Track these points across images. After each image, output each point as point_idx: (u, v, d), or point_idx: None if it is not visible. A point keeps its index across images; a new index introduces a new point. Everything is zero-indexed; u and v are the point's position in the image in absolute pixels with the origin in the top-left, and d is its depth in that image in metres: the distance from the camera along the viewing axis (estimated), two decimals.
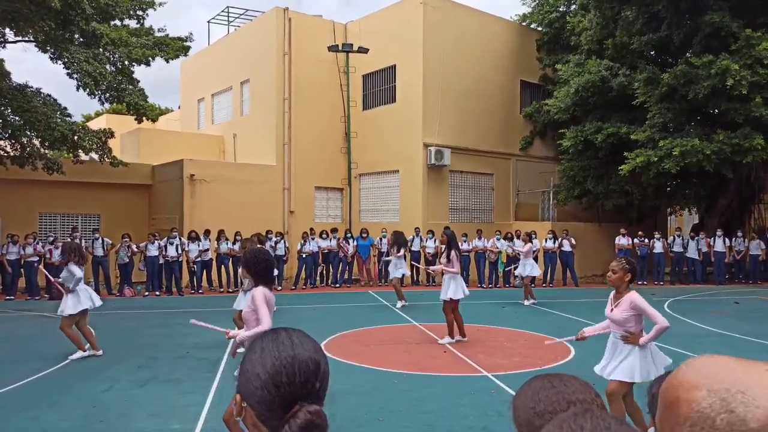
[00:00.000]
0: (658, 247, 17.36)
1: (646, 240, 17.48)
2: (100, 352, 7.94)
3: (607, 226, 19.47)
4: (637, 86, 16.49)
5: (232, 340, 4.59)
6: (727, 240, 17.23)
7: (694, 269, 17.42)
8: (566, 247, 16.76)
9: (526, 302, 13.07)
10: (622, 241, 17.17)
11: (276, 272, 14.08)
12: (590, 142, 17.71)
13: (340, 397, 6.12)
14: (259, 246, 7.92)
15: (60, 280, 7.96)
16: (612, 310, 4.68)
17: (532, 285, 13.51)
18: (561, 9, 20.77)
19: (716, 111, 16.50)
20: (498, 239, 16.85)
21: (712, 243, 17.24)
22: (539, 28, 21.14)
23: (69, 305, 7.79)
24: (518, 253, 14.18)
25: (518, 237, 16.41)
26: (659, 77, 15.81)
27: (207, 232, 15.41)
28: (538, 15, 21.19)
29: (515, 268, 14.53)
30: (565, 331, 9.54)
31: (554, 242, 16.73)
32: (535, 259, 15.95)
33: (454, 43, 18.27)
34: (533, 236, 14.18)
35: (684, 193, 18.57)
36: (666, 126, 16.40)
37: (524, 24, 21.42)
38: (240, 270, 5.30)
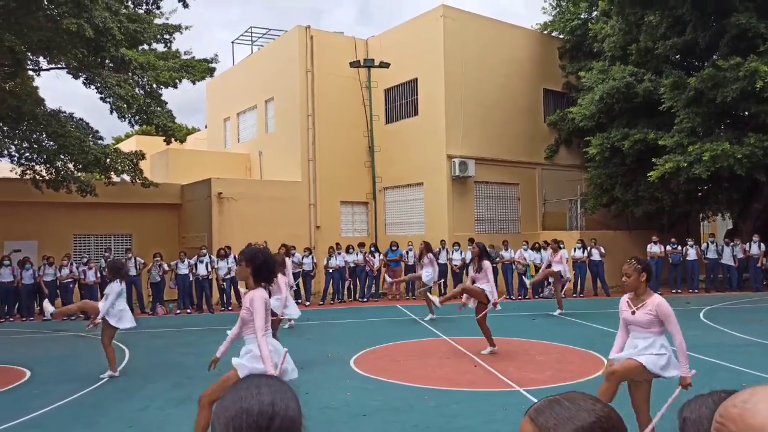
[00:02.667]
0: (692, 254, 16.96)
1: (679, 247, 17.11)
2: (117, 374, 8.03)
3: (638, 234, 19.13)
4: (663, 91, 16.26)
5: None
6: (762, 245, 16.76)
7: (729, 276, 16.97)
8: (595, 257, 16.51)
9: (556, 312, 12.94)
10: (653, 248, 16.85)
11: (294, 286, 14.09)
12: (617, 148, 17.49)
13: (372, 414, 6.12)
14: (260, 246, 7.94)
15: (102, 313, 8.00)
16: (634, 312, 4.54)
17: (563, 296, 13.36)
18: (582, 16, 20.65)
19: (746, 114, 16.15)
20: (525, 249, 16.69)
21: (747, 248, 16.80)
22: (561, 36, 21.04)
23: (113, 319, 7.91)
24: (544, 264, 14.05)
25: (542, 249, 16.28)
26: (686, 81, 15.58)
27: (228, 249, 15.51)
28: (560, 23, 21.10)
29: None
30: (598, 344, 9.41)
31: (583, 251, 16.49)
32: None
33: (475, 54, 18.29)
34: (562, 244, 14.03)
35: (716, 198, 18.16)
36: (695, 130, 16.11)
37: (546, 32, 21.35)
38: (235, 268, 5.26)
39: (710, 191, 18.06)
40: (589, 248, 16.59)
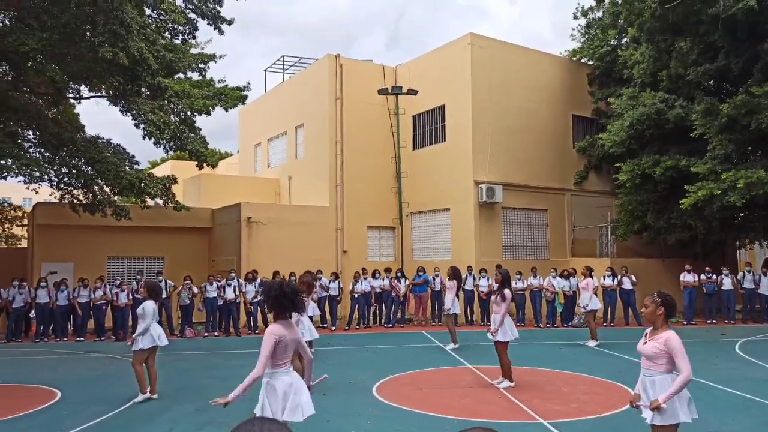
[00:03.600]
0: (727, 283, 16.45)
1: (714, 276, 16.63)
2: (155, 396, 8.18)
3: (671, 262, 18.70)
4: (695, 118, 16.03)
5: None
6: None
7: (767, 306, 16.40)
8: (627, 285, 16.15)
9: (590, 343, 12.61)
10: (687, 277, 16.41)
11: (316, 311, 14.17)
12: (648, 175, 17.23)
13: None
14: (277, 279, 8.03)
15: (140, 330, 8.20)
16: (645, 343, 4.51)
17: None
18: (612, 43, 20.60)
19: None
20: (554, 277, 16.45)
21: None
22: (590, 63, 20.99)
23: (141, 341, 8.08)
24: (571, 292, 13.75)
25: (571, 276, 16.03)
26: (718, 108, 15.33)
27: (255, 273, 15.69)
28: (589, 49, 21.09)
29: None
30: (626, 375, 9.18)
31: (613, 279, 16.16)
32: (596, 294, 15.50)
33: (502, 80, 18.37)
34: (592, 271, 13.77)
35: (752, 225, 17.68)
36: (728, 157, 15.80)
37: (574, 59, 21.33)
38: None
39: (746, 219, 17.58)
40: (620, 276, 16.26)
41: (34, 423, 7.11)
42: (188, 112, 17.67)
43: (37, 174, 15.60)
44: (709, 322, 16.32)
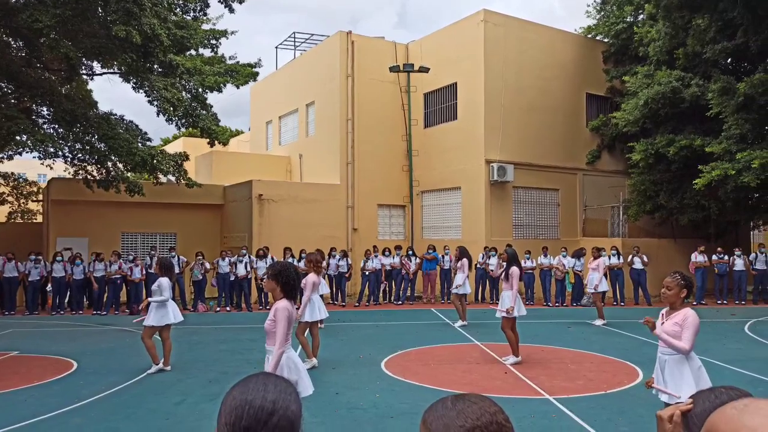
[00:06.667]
0: (739, 264, 16.36)
1: (725, 257, 16.53)
2: (169, 368, 8.37)
3: (683, 242, 18.59)
4: (711, 97, 15.78)
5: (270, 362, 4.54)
6: None
7: None
8: (637, 265, 16.12)
9: (597, 322, 12.67)
10: (698, 258, 16.33)
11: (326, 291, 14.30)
12: (662, 155, 17.05)
13: (399, 417, 6.20)
14: (286, 260, 8.18)
15: (150, 300, 8.42)
16: (663, 323, 4.54)
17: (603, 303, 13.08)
18: (628, 20, 20.21)
19: None
20: (564, 256, 16.43)
21: None
22: (605, 40, 20.65)
23: (152, 317, 8.27)
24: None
25: (580, 255, 15.99)
26: (735, 87, 15.07)
27: (266, 249, 15.85)
28: (604, 26, 20.71)
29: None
30: (634, 354, 9.24)
31: (619, 258, 16.10)
32: (606, 275, 15.50)
33: (516, 58, 18.16)
34: (603, 251, 13.78)
35: (767, 206, 17.48)
36: (744, 137, 15.56)
37: (589, 36, 20.99)
38: (264, 281, 5.37)
39: (760, 199, 17.38)
40: (631, 256, 16.21)
41: (50, 392, 7.32)
42: (200, 89, 17.70)
43: (52, 150, 15.79)
44: (720, 302, 16.27)
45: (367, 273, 16.39)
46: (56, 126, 16.11)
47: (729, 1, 15.24)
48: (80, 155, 16.12)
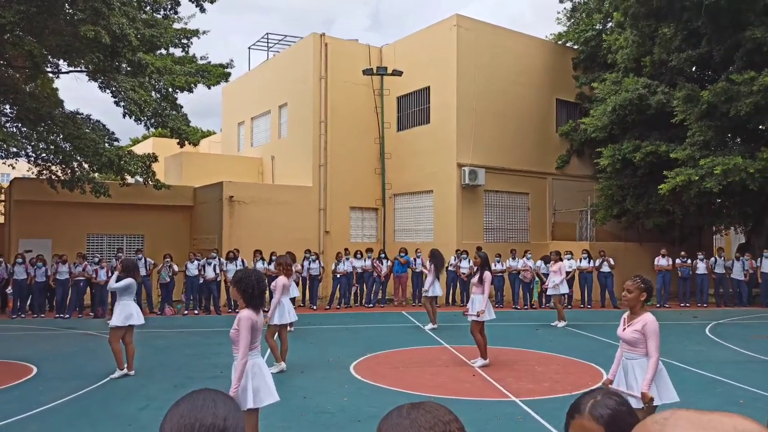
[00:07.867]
0: (701, 267, 16.80)
1: (688, 260, 16.95)
2: (132, 373, 8.21)
3: (649, 246, 19.00)
4: (676, 104, 16.19)
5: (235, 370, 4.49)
6: None
7: (740, 291, 16.78)
8: (605, 269, 16.41)
9: (559, 324, 12.86)
10: (661, 261, 16.71)
11: (296, 294, 14.25)
12: (628, 160, 17.42)
13: (367, 420, 6.19)
14: (251, 267, 8.13)
15: (112, 286, 8.34)
16: (624, 329, 4.63)
17: (566, 306, 13.28)
18: (597, 27, 20.62)
19: (761, 128, 16.00)
20: (528, 258, 16.63)
21: (757, 263, 16.60)
22: (575, 47, 21.02)
23: (117, 317, 8.10)
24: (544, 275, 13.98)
25: (548, 260, 16.22)
26: (699, 95, 15.49)
27: (237, 251, 15.69)
28: (574, 33, 21.09)
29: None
30: (600, 356, 9.40)
31: (589, 262, 16.41)
32: (571, 280, 15.75)
33: (488, 63, 18.35)
34: (563, 255, 14.01)
35: (729, 212, 18.00)
36: (707, 144, 16.00)
37: (560, 43, 21.34)
38: (231, 290, 5.33)
39: (722, 205, 17.88)
40: (599, 261, 16.49)
41: (8, 398, 7.11)
42: (170, 89, 17.44)
43: (14, 149, 15.34)
44: (682, 305, 16.68)
45: (338, 276, 16.34)
46: (19, 125, 15.69)
47: (693, 11, 15.67)
48: (44, 155, 15.72)
